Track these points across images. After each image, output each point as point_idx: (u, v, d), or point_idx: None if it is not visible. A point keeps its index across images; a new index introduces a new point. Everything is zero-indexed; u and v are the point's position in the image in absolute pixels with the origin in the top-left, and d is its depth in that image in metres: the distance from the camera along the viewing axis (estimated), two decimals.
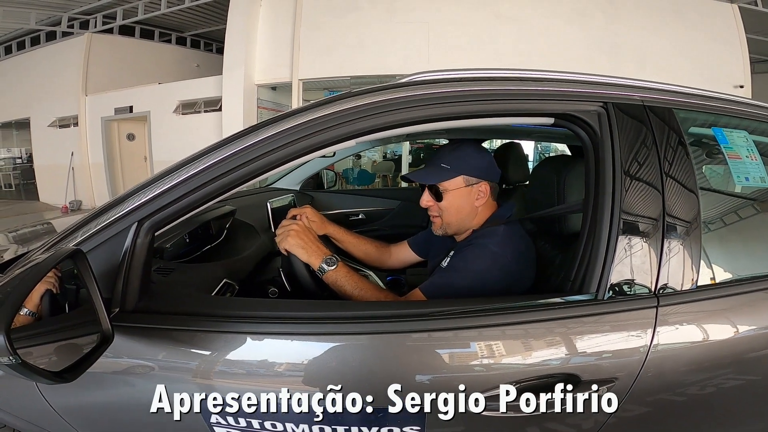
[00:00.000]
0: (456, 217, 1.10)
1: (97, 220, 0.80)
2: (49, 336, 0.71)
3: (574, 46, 5.86)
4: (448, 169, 1.07)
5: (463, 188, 1.08)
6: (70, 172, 8.25)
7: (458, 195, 1.08)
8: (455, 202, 1.08)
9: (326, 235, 1.30)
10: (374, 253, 1.41)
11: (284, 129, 0.78)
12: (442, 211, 1.10)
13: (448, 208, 1.09)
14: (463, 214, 1.10)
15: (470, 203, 1.09)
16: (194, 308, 0.81)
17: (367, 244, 1.41)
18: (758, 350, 0.86)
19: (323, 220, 1.31)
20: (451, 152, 1.10)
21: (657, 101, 0.91)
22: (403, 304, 0.93)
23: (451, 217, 1.10)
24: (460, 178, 1.08)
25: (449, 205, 1.09)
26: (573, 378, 0.76)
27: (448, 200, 1.08)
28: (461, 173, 1.07)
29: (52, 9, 7.76)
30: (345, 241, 1.37)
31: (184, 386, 0.76)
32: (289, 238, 1.04)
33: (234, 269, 1.24)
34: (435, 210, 1.11)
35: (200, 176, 0.77)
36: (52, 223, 1.67)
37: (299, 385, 0.75)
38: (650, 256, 0.82)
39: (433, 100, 0.81)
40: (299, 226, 1.06)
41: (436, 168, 1.09)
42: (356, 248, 1.38)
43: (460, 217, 1.10)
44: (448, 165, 1.08)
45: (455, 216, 1.10)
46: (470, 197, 1.09)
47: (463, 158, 1.08)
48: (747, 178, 0.97)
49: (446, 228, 1.12)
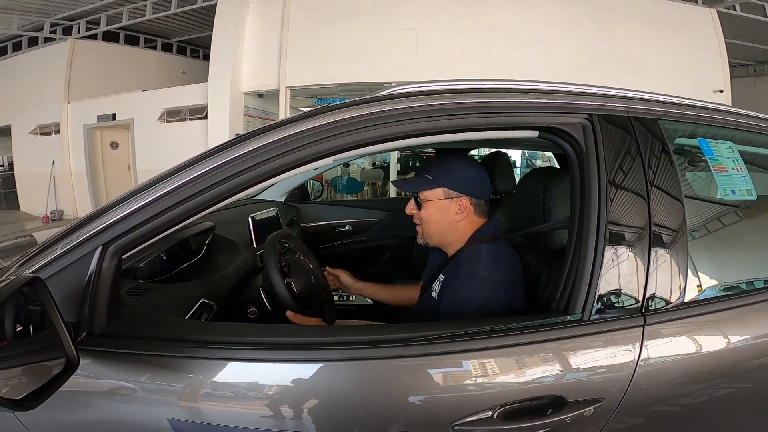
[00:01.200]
0: (435, 228, 1.11)
1: (60, 244, 0.76)
2: (11, 361, 0.67)
3: (563, 53, 5.92)
4: (429, 180, 1.09)
5: (442, 200, 1.09)
6: (52, 181, 8.09)
7: (437, 206, 1.09)
8: (434, 213, 1.10)
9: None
10: (405, 293, 1.48)
11: (254, 148, 0.74)
12: (422, 220, 1.12)
13: (426, 219, 1.11)
14: (441, 227, 1.10)
15: (448, 216, 1.09)
16: (163, 332, 0.78)
17: (397, 289, 1.51)
18: (747, 367, 0.85)
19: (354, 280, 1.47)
20: (438, 164, 1.11)
21: (642, 112, 0.89)
22: (386, 328, 0.90)
23: (429, 228, 1.11)
24: (440, 190, 1.08)
25: (428, 215, 1.10)
26: (559, 400, 0.74)
27: (426, 210, 1.10)
28: (441, 185, 1.08)
29: (35, 14, 7.63)
30: (377, 294, 1.50)
31: (154, 412, 0.72)
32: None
33: (212, 288, 1.20)
34: (417, 219, 1.13)
35: (168, 197, 0.73)
36: (33, 236, 1.62)
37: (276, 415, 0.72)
38: (637, 274, 0.80)
39: (414, 114, 0.78)
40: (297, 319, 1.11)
41: (421, 178, 1.10)
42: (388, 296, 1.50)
43: (439, 229, 1.11)
44: (431, 176, 1.09)
45: (434, 227, 1.11)
46: (449, 210, 1.09)
47: (447, 171, 1.09)
48: (733, 191, 0.96)
49: (426, 238, 1.14)
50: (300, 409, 0.72)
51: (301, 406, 0.72)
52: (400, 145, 0.80)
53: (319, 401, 0.72)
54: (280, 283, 1.05)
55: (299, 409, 0.72)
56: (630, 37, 5.99)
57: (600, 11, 6.06)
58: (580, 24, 6.03)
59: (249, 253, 1.55)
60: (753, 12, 6.72)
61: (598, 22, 6.04)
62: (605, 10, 6.06)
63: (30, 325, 0.75)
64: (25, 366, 0.69)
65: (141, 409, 0.72)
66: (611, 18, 6.05)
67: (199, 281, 1.23)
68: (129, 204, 0.74)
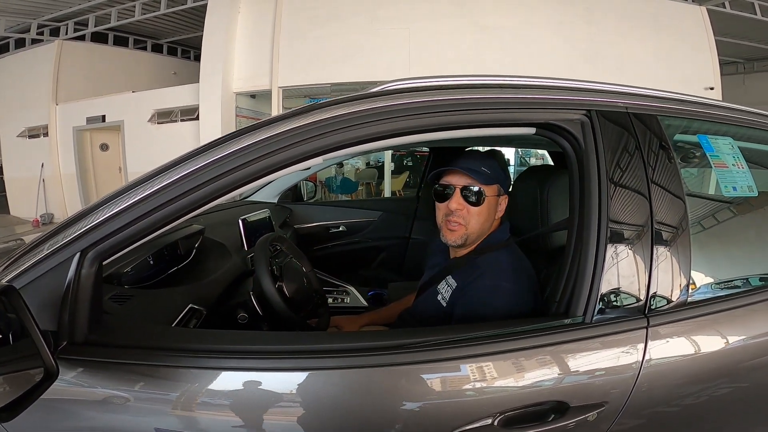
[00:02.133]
0: (480, 227, 1.06)
1: (35, 252, 0.72)
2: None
3: (554, 52, 5.92)
4: (488, 174, 1.04)
5: (494, 197, 1.06)
6: (41, 184, 7.97)
7: (491, 203, 1.06)
8: (485, 210, 1.06)
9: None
10: (406, 304, 1.43)
11: (240, 148, 0.71)
12: (471, 217, 1.05)
13: (478, 216, 1.05)
14: (486, 226, 1.07)
15: (494, 215, 1.08)
16: (148, 340, 0.75)
17: (397, 306, 1.46)
18: (752, 366, 0.84)
19: (354, 322, 1.43)
20: (488, 159, 1.08)
21: (642, 108, 0.88)
22: (381, 335, 0.87)
23: (476, 226, 1.06)
24: (496, 187, 1.06)
25: (481, 211, 1.05)
26: (561, 405, 0.73)
27: (483, 206, 1.05)
28: (497, 182, 1.06)
29: (22, 16, 7.51)
30: (381, 320, 1.45)
31: (141, 423, 0.70)
32: None
33: (202, 293, 1.17)
34: (462, 215, 1.05)
35: (150, 200, 0.70)
36: (23, 239, 1.57)
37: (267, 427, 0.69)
38: (639, 274, 0.79)
39: (407, 111, 0.75)
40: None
41: (476, 170, 1.04)
42: (393, 316, 1.42)
43: (483, 228, 1.07)
44: (488, 170, 1.04)
45: (480, 226, 1.06)
46: (496, 209, 1.08)
47: (497, 168, 1.07)
48: (735, 188, 0.95)
49: (466, 237, 1.06)
50: (291, 420, 0.69)
51: (292, 417, 0.69)
52: (394, 143, 0.77)
53: (312, 411, 0.69)
54: (271, 287, 1.02)
55: (290, 420, 0.69)
56: (620, 35, 6.00)
57: (591, 11, 6.06)
58: (570, 24, 6.03)
59: (240, 256, 1.52)
60: (743, 9, 6.77)
61: (589, 21, 6.05)
62: (596, 10, 6.06)
63: (9, 333, 0.72)
64: (3, 375, 0.66)
65: (127, 419, 0.69)
66: (601, 17, 6.06)
67: (187, 286, 1.19)
68: (109, 208, 0.71)
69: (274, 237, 1.27)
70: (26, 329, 0.71)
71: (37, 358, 0.65)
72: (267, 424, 0.69)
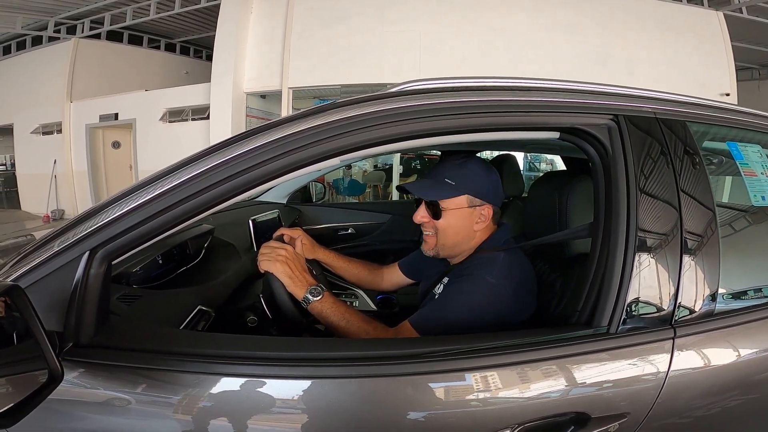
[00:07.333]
0: (452, 239, 1.01)
1: (43, 249, 0.70)
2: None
3: (564, 55, 5.86)
4: (452, 186, 0.98)
5: (465, 209, 0.99)
6: (53, 181, 8.06)
7: (459, 215, 0.99)
8: (454, 223, 0.99)
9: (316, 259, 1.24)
10: (367, 276, 1.35)
11: (254, 147, 0.68)
12: (438, 230, 1.00)
13: (445, 229, 1.00)
14: (459, 237, 1.01)
15: (469, 226, 1.00)
16: (156, 343, 0.73)
17: (359, 267, 1.34)
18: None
19: (313, 244, 1.26)
20: (458, 168, 1.00)
21: (670, 113, 0.85)
22: (395, 343, 0.84)
23: (446, 239, 1.01)
24: (464, 198, 0.99)
25: (447, 225, 0.99)
26: (582, 416, 0.70)
27: (446, 220, 0.99)
28: (466, 192, 0.98)
29: (39, 13, 7.62)
30: (336, 266, 1.32)
31: (147, 427, 0.68)
32: (276, 263, 0.96)
33: (210, 294, 1.15)
34: (430, 228, 1.01)
35: (161, 200, 0.68)
36: (33, 235, 1.58)
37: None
38: (667, 284, 0.76)
39: (427, 112, 0.72)
40: (288, 253, 0.98)
41: (439, 182, 0.99)
42: (348, 272, 1.33)
43: (457, 240, 1.01)
44: (452, 181, 0.98)
45: (451, 238, 1.01)
46: (470, 219, 1.00)
47: (470, 176, 0.99)
48: (764, 197, 0.91)
49: (439, 250, 1.03)
50: (296, 428, 0.67)
51: (297, 425, 0.67)
52: (412, 145, 0.74)
53: (319, 420, 0.67)
54: (281, 290, 0.99)
55: (295, 428, 0.67)
56: (635, 39, 5.93)
57: (605, 14, 5.99)
58: (584, 26, 5.97)
59: (249, 257, 1.50)
60: (760, 15, 6.66)
61: (603, 24, 5.98)
62: (610, 13, 5.99)
63: (14, 333, 0.70)
64: (7, 377, 0.64)
65: (130, 423, 0.67)
66: (616, 20, 5.99)
67: (196, 287, 1.17)
68: (119, 206, 0.69)
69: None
70: (31, 330, 0.71)
71: (41, 359, 0.63)
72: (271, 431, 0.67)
